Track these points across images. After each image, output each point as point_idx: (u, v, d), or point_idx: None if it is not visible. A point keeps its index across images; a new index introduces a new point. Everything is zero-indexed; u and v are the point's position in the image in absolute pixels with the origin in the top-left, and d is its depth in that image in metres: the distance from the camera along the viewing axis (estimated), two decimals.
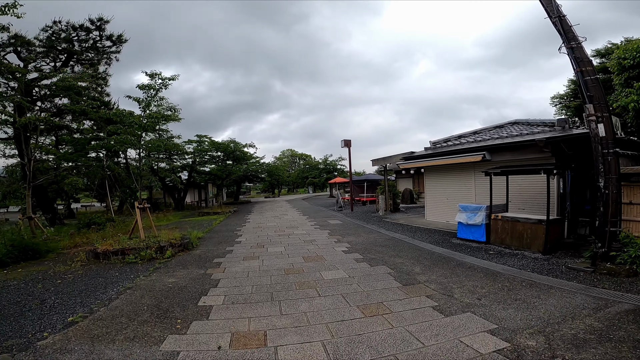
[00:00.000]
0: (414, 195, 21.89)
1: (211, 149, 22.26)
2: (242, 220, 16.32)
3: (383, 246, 8.96)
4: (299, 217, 16.63)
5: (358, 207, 21.72)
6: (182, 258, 8.15)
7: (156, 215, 19.25)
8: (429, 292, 5.27)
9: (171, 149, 23.16)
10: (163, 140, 23.34)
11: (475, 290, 5.30)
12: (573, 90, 23.20)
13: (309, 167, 46.92)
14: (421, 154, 13.80)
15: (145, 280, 6.32)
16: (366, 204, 22.93)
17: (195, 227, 14.14)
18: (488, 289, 5.35)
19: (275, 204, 28.18)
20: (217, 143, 22.18)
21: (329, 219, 15.45)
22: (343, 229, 12.24)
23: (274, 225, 13.68)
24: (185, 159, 25.99)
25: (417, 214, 16.43)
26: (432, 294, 5.16)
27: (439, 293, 5.20)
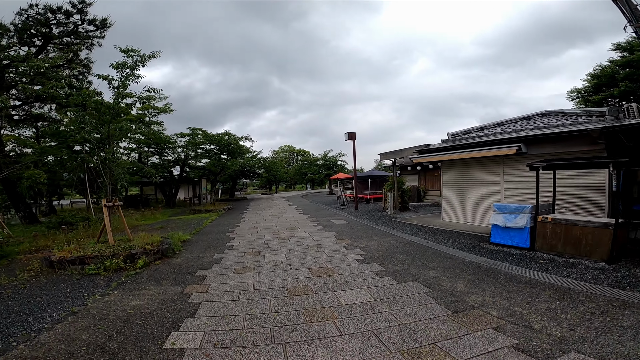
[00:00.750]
0: (421, 192, 20.36)
1: (204, 142, 20.54)
2: (237, 219, 14.70)
3: (404, 253, 7.40)
4: (299, 216, 15.04)
5: (362, 204, 20.16)
6: (157, 269, 6.54)
7: (142, 213, 17.59)
8: (495, 322, 3.76)
9: (159, 141, 21.50)
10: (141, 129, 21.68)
11: (557, 316, 3.82)
12: (594, 85, 21.91)
13: (308, 163, 45.29)
14: (438, 147, 12.25)
15: (99, 302, 4.72)
16: (370, 202, 21.39)
17: (183, 227, 12.52)
18: (573, 313, 3.88)
19: (272, 201, 26.58)
20: (211, 135, 20.45)
21: (332, 219, 13.88)
22: (351, 231, 10.68)
23: (272, 226, 12.08)
24: (177, 153, 24.30)
25: (428, 213, 14.91)
26: (501, 326, 3.65)
27: (510, 323, 3.70)
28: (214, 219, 14.87)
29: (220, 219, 15.15)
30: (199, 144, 20.31)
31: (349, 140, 17.95)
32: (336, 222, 12.76)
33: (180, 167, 25.20)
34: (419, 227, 11.02)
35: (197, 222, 14.10)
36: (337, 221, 13.11)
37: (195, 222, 13.90)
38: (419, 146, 13.01)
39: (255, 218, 14.78)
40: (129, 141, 22.63)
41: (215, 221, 14.27)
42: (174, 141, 22.40)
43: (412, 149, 13.35)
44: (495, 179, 10.43)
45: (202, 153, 21.40)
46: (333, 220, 13.28)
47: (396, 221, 12.71)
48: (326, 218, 14.18)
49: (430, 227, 10.90)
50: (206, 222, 13.78)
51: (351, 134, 17.87)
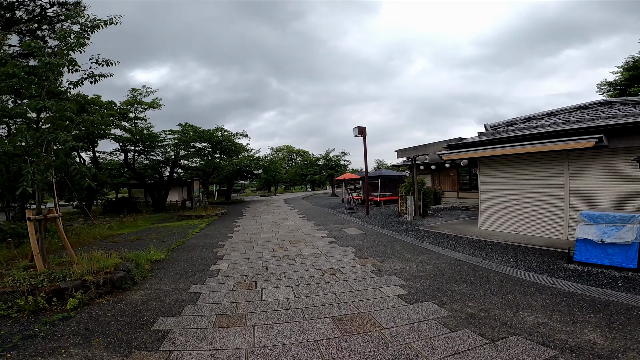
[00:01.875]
0: (438, 194, 18.12)
1: (195, 139, 18.18)
2: (230, 228, 12.44)
3: (460, 281, 5.19)
4: (304, 224, 12.79)
5: (372, 208, 17.94)
6: (97, 312, 4.29)
7: (122, 219, 15.29)
8: None
9: (144, 139, 19.22)
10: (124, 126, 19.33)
11: None
12: (629, 77, 19.92)
13: (308, 163, 43.00)
14: (476, 141, 10.07)
15: None
16: (380, 205, 19.16)
17: (164, 238, 10.28)
18: None
19: (271, 203, 24.31)
20: (201, 131, 18.12)
21: (343, 227, 11.65)
22: (372, 245, 8.45)
23: (272, 238, 9.83)
24: (167, 152, 22.00)
25: (453, 218, 12.71)
26: None
27: None
28: (203, 227, 12.60)
29: (211, 227, 12.88)
30: (189, 141, 17.99)
31: (358, 135, 15.74)
32: (349, 232, 10.53)
33: (170, 168, 22.92)
34: (455, 238, 8.81)
35: (182, 231, 11.84)
36: (350, 230, 10.88)
37: (180, 232, 11.64)
38: (450, 140, 10.83)
39: (252, 226, 12.51)
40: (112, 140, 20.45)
41: (204, 230, 12.00)
42: (161, 139, 20.11)
43: (440, 144, 11.18)
44: (556, 179, 8.23)
45: (193, 152, 19.05)
46: (345, 230, 11.04)
47: (421, 230, 10.50)
48: (336, 226, 11.94)
49: (470, 239, 8.69)
50: (193, 231, 11.51)
51: (361, 128, 15.67)
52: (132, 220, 15.24)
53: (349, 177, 20.45)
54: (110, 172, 24.04)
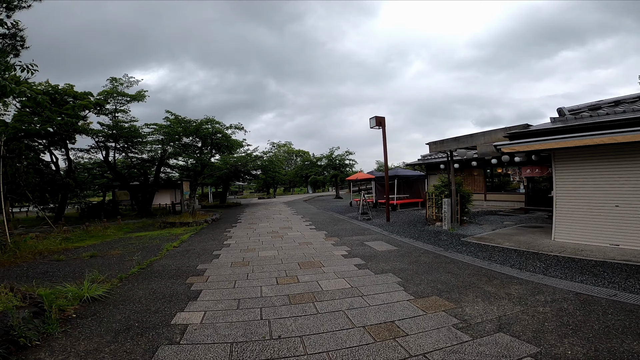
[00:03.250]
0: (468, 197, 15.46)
1: (180, 132, 15.35)
2: (218, 240, 9.78)
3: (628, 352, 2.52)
4: (313, 235, 10.15)
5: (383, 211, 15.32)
6: None
7: (87, 227, 12.59)
8: None
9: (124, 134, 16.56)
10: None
11: None
12: None
13: (309, 163, 40.44)
14: (550, 128, 7.49)
15: None
16: (397, 209, 16.52)
17: (127, 255, 7.65)
18: None
19: (271, 207, 21.64)
20: (186, 121, 15.38)
21: (365, 240, 9.03)
22: (421, 270, 5.83)
23: (273, 259, 7.17)
24: (154, 149, 19.29)
25: (498, 225, 10.16)
26: None
27: None
28: (185, 239, 9.93)
29: (196, 238, 10.20)
30: (174, 135, 15.22)
31: (376, 127, 13.12)
32: (377, 248, 7.89)
33: (156, 167, 20.23)
34: (531, 256, 6.23)
35: (157, 244, 9.18)
36: (377, 244, 8.24)
37: (154, 246, 8.98)
38: (512, 128, 8.23)
39: (248, 238, 9.84)
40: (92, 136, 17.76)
41: (186, 243, 9.32)
42: (145, 134, 17.41)
43: (496, 132, 8.59)
44: None
45: (179, 148, 16.28)
46: (370, 244, 8.41)
47: (471, 243, 7.91)
48: (355, 238, 9.30)
49: (556, 256, 6.12)
50: (170, 245, 8.84)
51: (379, 118, 13.07)
52: (102, 229, 12.56)
53: (362, 177, 17.77)
54: (89, 172, 21.41)
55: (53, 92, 16.99)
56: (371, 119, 13.19)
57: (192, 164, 16.94)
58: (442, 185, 11.53)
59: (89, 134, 17.16)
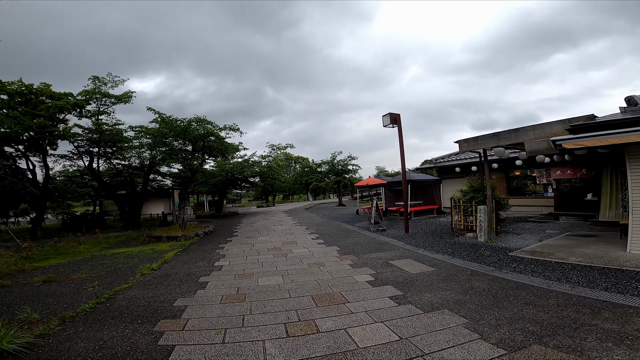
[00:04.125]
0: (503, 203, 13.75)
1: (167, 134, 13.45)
2: (208, 261, 8.06)
3: None
4: (324, 252, 8.46)
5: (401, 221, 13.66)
6: None
7: (55, 243, 10.85)
8: None
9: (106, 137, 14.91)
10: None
11: None
12: None
13: (309, 170, 38.80)
14: (620, 119, 5.93)
15: None
16: (411, 217, 14.80)
17: (90, 281, 5.92)
18: None
19: (271, 216, 19.90)
20: (170, 120, 13.49)
21: (388, 257, 7.36)
22: (485, 301, 4.19)
23: (278, 290, 5.49)
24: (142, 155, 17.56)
25: (539, 234, 8.46)
26: None
27: None
28: (168, 259, 8.21)
29: (181, 257, 8.48)
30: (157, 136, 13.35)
31: (390, 125, 11.55)
32: (409, 269, 6.21)
33: (144, 175, 18.53)
34: (620, 274, 4.58)
35: (132, 265, 7.49)
36: (406, 265, 6.56)
37: (128, 267, 7.28)
38: (574, 119, 6.63)
39: (244, 258, 8.12)
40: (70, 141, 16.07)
41: (167, 265, 7.60)
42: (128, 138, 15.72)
43: (550, 125, 6.99)
44: None
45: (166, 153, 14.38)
46: (396, 263, 6.73)
47: (526, 259, 6.28)
48: (376, 256, 7.62)
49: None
50: (147, 268, 7.12)
51: (394, 115, 11.50)
52: (76, 244, 10.83)
53: (373, 183, 16.03)
54: (71, 179, 19.67)
55: (27, 92, 15.36)
56: (384, 117, 11.62)
57: (180, 170, 15.15)
58: (471, 190, 9.90)
59: (68, 139, 15.48)
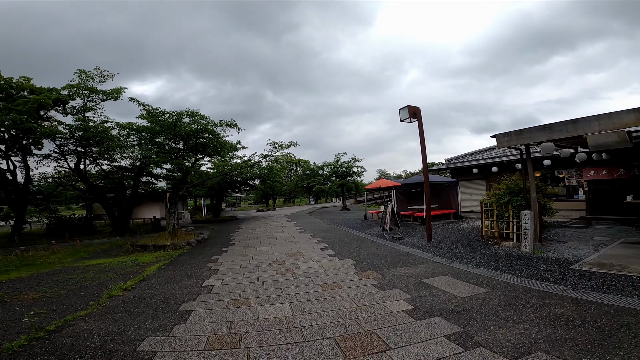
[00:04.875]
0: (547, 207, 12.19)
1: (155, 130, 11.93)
2: (197, 277, 6.62)
3: None
4: (337, 267, 7.02)
5: (417, 228, 12.22)
6: None
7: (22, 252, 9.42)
8: None
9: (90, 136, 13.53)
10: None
11: None
12: None
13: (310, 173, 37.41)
14: None
15: None
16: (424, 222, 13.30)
17: (37, 305, 4.41)
18: None
19: (272, 221, 18.45)
20: (158, 114, 11.57)
21: (419, 273, 5.93)
22: (593, 339, 2.67)
23: (285, 324, 4.07)
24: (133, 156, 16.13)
25: (587, 242, 7.00)
26: None
27: None
28: (148, 275, 6.76)
29: (164, 273, 7.02)
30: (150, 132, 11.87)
31: (407, 119, 10.12)
32: (454, 292, 4.77)
33: (134, 176, 17.12)
34: None
35: (104, 282, 6.06)
36: (447, 284, 5.12)
37: (96, 286, 5.85)
38: None
39: (240, 275, 6.64)
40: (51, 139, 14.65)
41: (145, 283, 6.15)
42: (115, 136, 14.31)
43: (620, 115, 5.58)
44: None
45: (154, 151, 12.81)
46: (434, 283, 5.28)
47: (599, 274, 4.86)
48: (403, 272, 6.17)
49: None
50: (118, 287, 5.68)
51: (413, 108, 10.06)
52: (48, 253, 9.40)
53: (386, 185, 14.50)
54: (56, 181, 18.23)
55: (6, 87, 14.00)
56: (402, 110, 10.19)
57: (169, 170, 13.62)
58: (507, 193, 8.48)
59: (50, 137, 14.09)
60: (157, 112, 10.89)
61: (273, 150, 13.37)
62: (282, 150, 13.37)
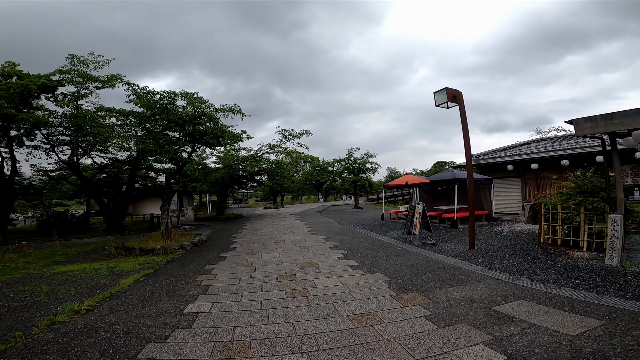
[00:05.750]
0: None
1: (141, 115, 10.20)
2: (178, 299, 5.01)
3: None
4: (364, 285, 5.38)
5: (441, 231, 10.50)
6: None
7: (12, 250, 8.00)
8: None
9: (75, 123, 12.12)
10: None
11: None
12: None
13: (320, 169, 35.85)
14: None
15: None
16: (457, 225, 11.54)
17: None
18: None
19: (279, 221, 16.87)
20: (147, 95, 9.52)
21: (485, 298, 4.24)
22: None
23: None
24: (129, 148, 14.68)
25: None
26: None
27: None
28: (116, 292, 5.19)
29: (136, 290, 5.44)
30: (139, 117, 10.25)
31: (444, 103, 8.37)
32: (557, 328, 3.06)
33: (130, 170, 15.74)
34: None
35: (57, 299, 4.51)
36: (534, 315, 3.42)
37: (42, 306, 4.28)
38: None
39: (237, 298, 4.96)
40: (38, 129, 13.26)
41: (103, 308, 4.56)
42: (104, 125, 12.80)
43: None
44: None
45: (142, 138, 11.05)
46: (512, 312, 3.58)
47: None
48: (458, 295, 4.47)
49: None
50: (67, 310, 4.14)
51: (452, 91, 8.28)
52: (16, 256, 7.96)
53: (414, 181, 12.55)
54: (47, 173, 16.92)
55: None
56: (438, 93, 8.41)
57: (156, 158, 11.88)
58: (578, 192, 6.72)
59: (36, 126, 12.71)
60: (145, 93, 9.27)
61: (282, 140, 11.71)
62: (293, 140, 11.69)
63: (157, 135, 9.96)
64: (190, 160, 11.37)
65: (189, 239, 9.87)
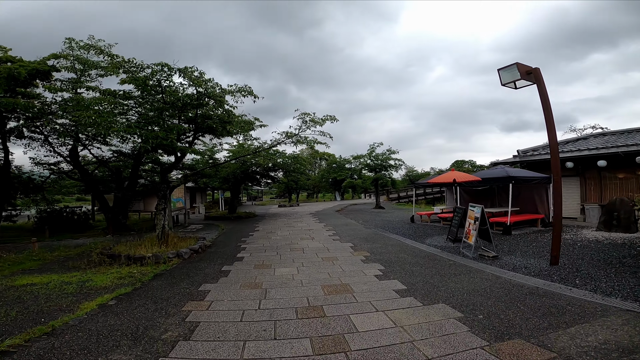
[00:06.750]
0: None
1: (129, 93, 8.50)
2: (143, 352, 3.31)
3: None
4: (433, 328, 3.60)
5: (505, 240, 8.53)
6: None
7: None
8: None
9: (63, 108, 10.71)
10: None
11: None
12: None
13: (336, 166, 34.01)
14: None
15: None
16: (510, 231, 9.50)
17: None
18: None
19: (295, 221, 15.16)
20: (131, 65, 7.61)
21: (630, 347, 2.32)
22: None
23: None
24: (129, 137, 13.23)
25: None
26: None
27: None
28: (60, 326, 3.52)
29: (88, 327, 3.79)
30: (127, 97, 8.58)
31: (511, 82, 6.48)
32: None
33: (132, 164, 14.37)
34: None
35: None
36: None
37: None
38: None
39: (235, 353, 3.29)
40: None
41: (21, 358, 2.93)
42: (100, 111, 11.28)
43: None
44: None
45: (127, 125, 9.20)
46: None
47: None
48: (584, 341, 2.59)
49: None
50: None
51: (524, 67, 6.32)
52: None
53: (464, 178, 10.28)
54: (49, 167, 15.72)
55: None
56: (505, 70, 6.52)
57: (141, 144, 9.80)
58: None
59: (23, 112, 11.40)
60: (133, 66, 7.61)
61: (302, 127, 9.93)
62: (314, 127, 9.90)
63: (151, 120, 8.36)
64: (192, 151, 9.70)
65: (190, 244, 8.25)
